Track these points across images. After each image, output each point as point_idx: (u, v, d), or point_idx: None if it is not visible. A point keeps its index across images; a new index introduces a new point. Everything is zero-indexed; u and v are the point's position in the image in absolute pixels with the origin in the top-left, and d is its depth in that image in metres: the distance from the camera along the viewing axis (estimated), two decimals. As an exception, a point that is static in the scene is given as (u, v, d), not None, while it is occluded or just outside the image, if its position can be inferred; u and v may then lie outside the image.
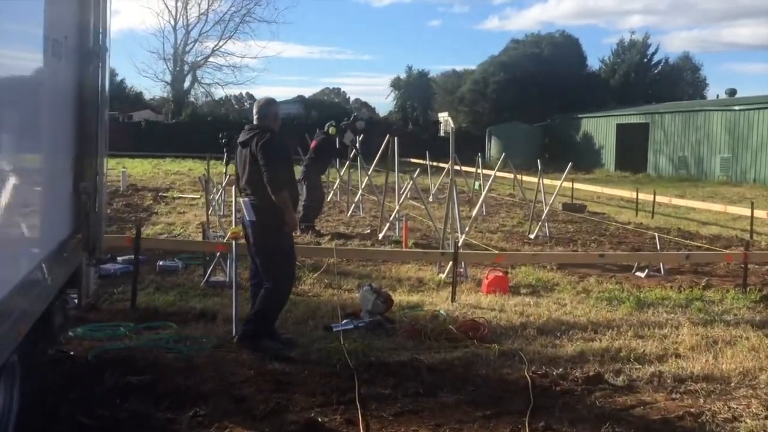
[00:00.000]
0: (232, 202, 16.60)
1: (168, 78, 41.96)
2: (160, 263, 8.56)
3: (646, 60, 44.77)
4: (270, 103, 5.81)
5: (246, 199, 5.49)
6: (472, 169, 21.21)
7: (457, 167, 20.09)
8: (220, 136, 14.69)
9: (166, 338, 5.81)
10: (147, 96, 48.87)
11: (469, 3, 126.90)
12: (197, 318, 6.41)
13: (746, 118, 25.02)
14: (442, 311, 6.79)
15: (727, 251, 8.71)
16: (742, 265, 7.72)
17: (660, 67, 45.21)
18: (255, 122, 5.65)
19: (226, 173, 14.40)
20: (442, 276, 8.31)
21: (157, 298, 7.08)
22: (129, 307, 6.65)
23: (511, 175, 20.82)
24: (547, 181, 22.06)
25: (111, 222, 12.55)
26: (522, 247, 11.10)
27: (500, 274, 7.78)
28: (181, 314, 6.56)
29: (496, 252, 8.17)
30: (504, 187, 21.28)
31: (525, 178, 22.12)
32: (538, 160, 13.96)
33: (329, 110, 40.71)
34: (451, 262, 7.28)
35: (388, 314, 6.36)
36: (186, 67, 42.21)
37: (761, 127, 24.29)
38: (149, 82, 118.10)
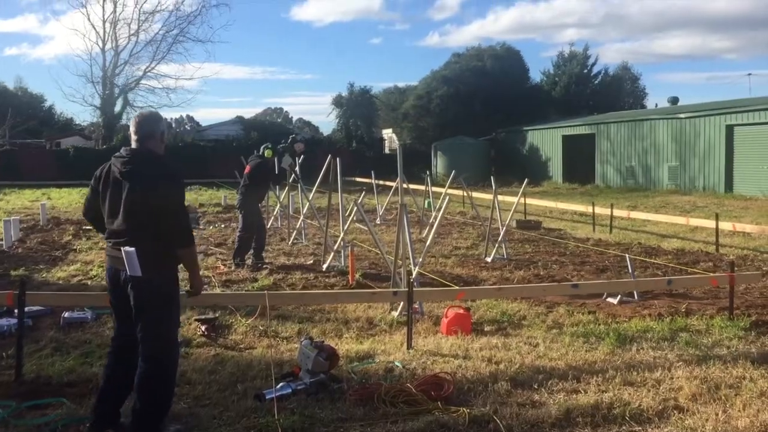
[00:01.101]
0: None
1: (97, 102, 39.94)
2: (65, 315, 7.29)
3: (586, 71, 44.95)
4: (155, 119, 4.49)
5: (130, 248, 4.15)
6: (420, 187, 20.42)
7: (404, 185, 19.27)
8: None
9: (54, 422, 4.62)
10: (77, 122, 46.68)
11: (409, 20, 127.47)
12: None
13: (692, 125, 24.85)
14: (397, 363, 5.76)
15: (713, 275, 7.92)
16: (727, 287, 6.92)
17: (600, 77, 45.45)
18: (135, 145, 4.34)
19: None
20: (395, 314, 7.30)
21: (52, 363, 5.84)
22: (13, 380, 5.40)
23: (460, 192, 20.18)
24: (502, 198, 21.45)
25: (21, 263, 11.15)
26: (479, 273, 10.19)
27: (461, 311, 6.79)
28: (80, 384, 5.36)
29: (456, 288, 7.19)
30: (454, 205, 20.40)
31: (474, 194, 21.40)
32: (491, 177, 13.11)
33: (270, 130, 39.43)
34: (404, 302, 6.26)
35: (333, 371, 5.29)
36: (116, 90, 40.25)
37: (707, 135, 24.13)
38: (78, 107, 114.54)
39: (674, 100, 31.55)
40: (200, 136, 42.24)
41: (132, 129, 4.40)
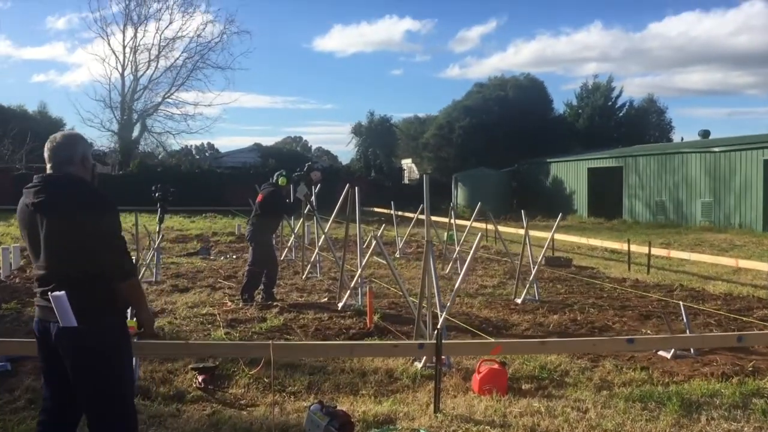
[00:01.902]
0: (171, 264, 14.53)
1: (115, 127, 39.63)
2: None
3: (610, 103, 44.08)
4: (71, 142, 3.61)
5: (59, 293, 3.32)
6: (442, 219, 19.54)
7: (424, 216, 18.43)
8: (153, 189, 12.80)
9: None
10: (97, 146, 46.33)
11: (430, 52, 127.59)
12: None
13: (727, 159, 23.80)
14: (423, 431, 4.85)
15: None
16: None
17: (625, 110, 44.55)
18: (51, 170, 3.55)
19: (159, 231, 12.38)
20: (419, 366, 6.40)
21: None
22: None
23: (482, 225, 19.28)
24: (524, 232, 20.50)
25: (15, 295, 10.40)
26: (509, 316, 9.26)
27: (496, 365, 5.88)
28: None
29: (492, 341, 6.28)
30: (475, 238, 19.36)
31: (491, 227, 20.48)
32: (521, 211, 12.19)
33: (288, 158, 38.84)
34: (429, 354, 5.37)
35: (346, 443, 4.41)
36: (135, 116, 39.91)
37: (744, 170, 23.07)
38: (95, 132, 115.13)
39: (705, 134, 30.53)
40: (217, 163, 41.77)
41: (46, 155, 3.57)
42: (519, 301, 10.24)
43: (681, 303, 7.46)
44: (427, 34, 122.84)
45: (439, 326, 6.36)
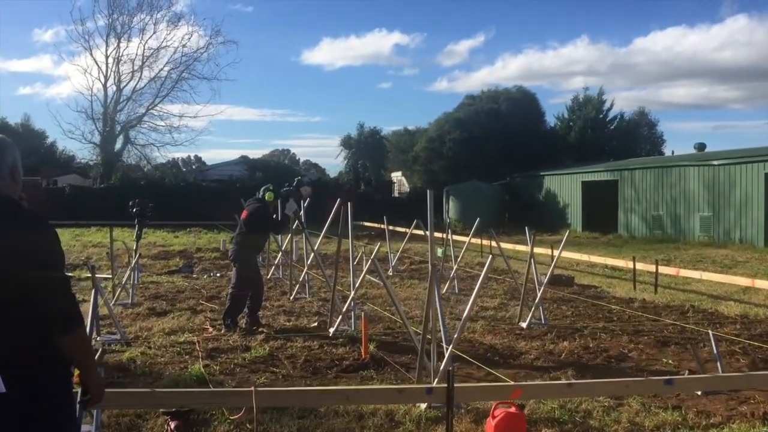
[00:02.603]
0: (150, 283, 13.69)
1: (97, 139, 38.56)
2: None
3: (602, 116, 43.65)
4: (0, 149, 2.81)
5: None
6: (435, 234, 18.76)
7: (420, 232, 17.69)
8: (130, 204, 12.01)
9: None
10: (78, 159, 45.35)
11: (418, 66, 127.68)
12: None
13: (726, 173, 23.25)
14: (434, 496, 4.09)
15: None
16: None
17: (616, 123, 44.12)
18: None
19: (136, 250, 11.57)
20: (423, 407, 5.63)
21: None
22: None
23: (477, 240, 18.56)
24: (521, 248, 19.77)
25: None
26: (516, 343, 8.51)
27: (513, 408, 5.12)
28: None
29: (511, 383, 5.53)
30: (470, 254, 18.53)
31: (488, 243, 19.75)
32: (526, 228, 11.48)
33: (275, 170, 38.05)
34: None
35: None
36: (117, 128, 38.88)
37: (744, 183, 22.51)
38: (77, 144, 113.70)
39: (701, 146, 30.00)
40: (203, 176, 40.86)
41: None
42: (524, 325, 9.50)
43: (710, 332, 6.75)
44: (416, 47, 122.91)
45: (444, 364, 5.62)
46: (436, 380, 5.76)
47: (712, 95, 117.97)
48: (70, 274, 14.69)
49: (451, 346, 5.74)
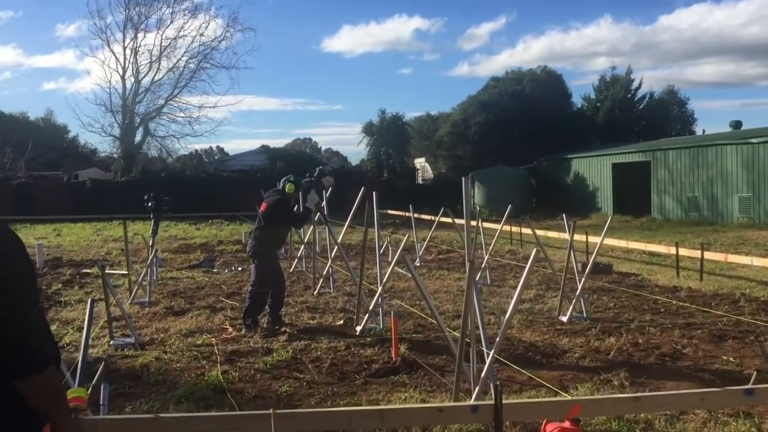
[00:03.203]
0: (169, 279, 13.24)
1: (116, 132, 38.32)
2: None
3: (630, 95, 42.45)
4: None
5: None
6: (459, 221, 18.09)
7: (448, 219, 17.00)
8: (145, 198, 11.52)
9: None
10: (101, 152, 45.21)
11: (439, 51, 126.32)
12: None
13: (766, 151, 22.21)
14: None
15: None
16: None
17: (645, 102, 42.88)
18: None
19: (152, 246, 11.10)
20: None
21: None
22: None
23: (505, 227, 17.82)
24: (552, 234, 19.03)
25: None
26: (557, 339, 7.86)
27: (568, 424, 4.50)
28: None
29: (567, 398, 4.91)
30: (500, 242, 17.74)
31: (517, 230, 19.02)
32: (564, 215, 10.78)
33: (297, 160, 37.53)
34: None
35: None
36: (137, 120, 38.57)
37: (786, 161, 21.50)
38: (97, 138, 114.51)
39: (737, 124, 28.86)
40: (224, 166, 40.45)
41: None
42: (565, 319, 8.85)
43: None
44: (436, 32, 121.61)
45: (485, 371, 5.03)
46: (476, 390, 5.17)
47: (739, 72, 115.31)
48: (88, 271, 14.29)
49: (492, 352, 5.12)
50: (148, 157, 40.33)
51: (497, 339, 5.29)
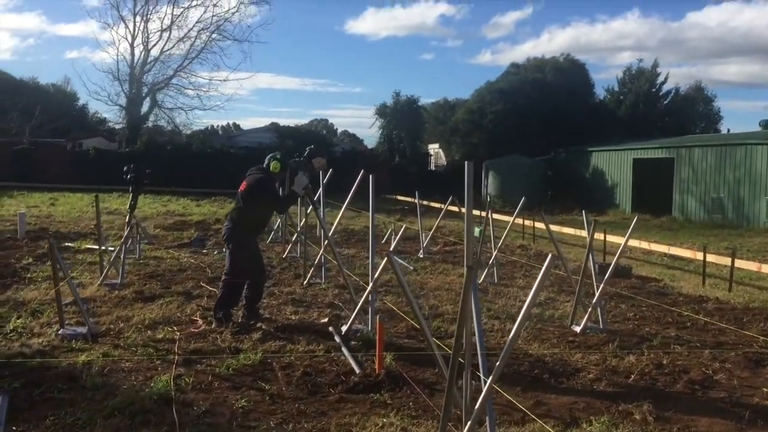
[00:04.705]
0: (152, 258, 12.32)
1: (123, 101, 37.28)
2: None
3: (654, 90, 40.99)
4: None
5: None
6: (475, 212, 16.98)
7: (455, 208, 15.92)
8: (125, 170, 10.58)
9: None
10: (110, 121, 44.27)
11: (462, 37, 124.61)
12: None
13: (800, 153, 20.93)
14: None
15: None
16: None
17: (670, 98, 41.40)
18: None
19: (129, 221, 10.17)
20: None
21: None
22: None
23: (514, 220, 16.73)
24: (567, 230, 17.92)
25: None
26: (569, 354, 6.85)
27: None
28: None
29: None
30: (511, 236, 16.60)
31: (529, 223, 17.95)
32: (583, 212, 9.71)
33: (308, 138, 36.39)
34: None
35: None
36: (144, 90, 37.52)
37: (820, 165, 20.20)
38: (103, 106, 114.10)
39: (767, 124, 27.52)
40: (231, 142, 39.41)
41: None
42: (578, 329, 7.83)
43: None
44: (462, 18, 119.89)
45: (479, 404, 4.04)
46: (468, 424, 4.17)
47: (765, 73, 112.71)
48: (70, 244, 13.41)
49: (490, 380, 4.12)
50: (154, 129, 39.35)
51: (497, 363, 4.27)
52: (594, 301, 7.98)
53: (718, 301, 10.03)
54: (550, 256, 4.28)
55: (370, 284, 7.41)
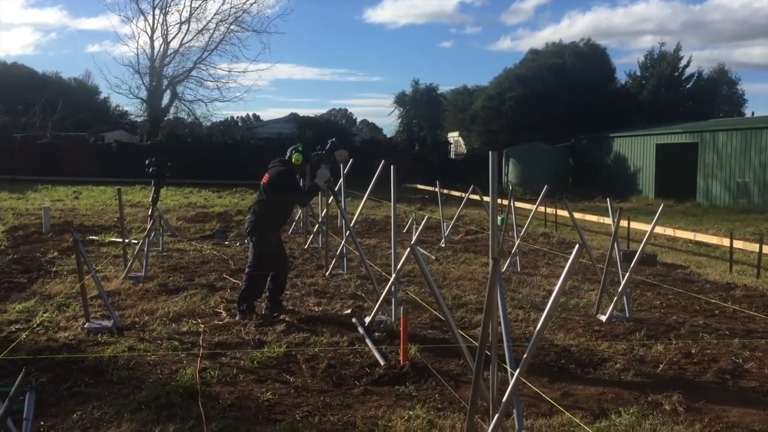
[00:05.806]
0: (175, 251, 12.38)
1: (144, 94, 37.60)
2: None
3: (677, 74, 40.31)
4: None
5: None
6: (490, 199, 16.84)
7: (476, 197, 15.83)
8: (146, 163, 10.62)
9: None
10: (132, 115, 44.60)
11: (481, 24, 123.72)
12: None
13: (829, 136, 20.49)
14: None
15: None
16: None
17: (693, 81, 40.72)
18: None
19: (152, 215, 10.22)
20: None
21: None
22: None
23: (531, 205, 16.58)
24: (590, 218, 17.75)
25: None
26: (595, 344, 6.77)
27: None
28: None
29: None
30: (534, 224, 16.47)
31: (551, 210, 17.79)
32: (607, 199, 9.58)
33: (328, 129, 36.36)
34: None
35: None
36: (164, 82, 37.76)
37: None
38: (124, 99, 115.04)
39: (794, 107, 27.05)
40: (251, 133, 39.51)
41: None
42: (604, 318, 7.74)
43: None
44: (481, 5, 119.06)
45: (506, 397, 4.00)
46: (495, 418, 4.13)
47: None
48: (94, 237, 13.52)
49: (517, 372, 4.07)
50: (175, 122, 39.59)
51: (524, 355, 4.23)
52: (620, 289, 7.88)
53: (746, 288, 9.88)
54: (577, 246, 4.22)
55: (393, 275, 7.38)
